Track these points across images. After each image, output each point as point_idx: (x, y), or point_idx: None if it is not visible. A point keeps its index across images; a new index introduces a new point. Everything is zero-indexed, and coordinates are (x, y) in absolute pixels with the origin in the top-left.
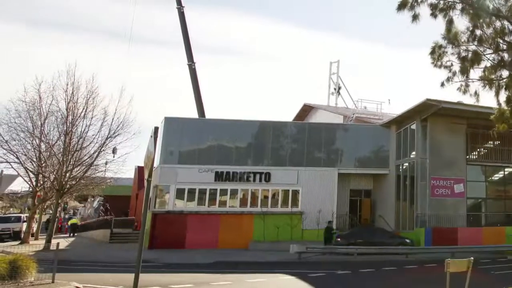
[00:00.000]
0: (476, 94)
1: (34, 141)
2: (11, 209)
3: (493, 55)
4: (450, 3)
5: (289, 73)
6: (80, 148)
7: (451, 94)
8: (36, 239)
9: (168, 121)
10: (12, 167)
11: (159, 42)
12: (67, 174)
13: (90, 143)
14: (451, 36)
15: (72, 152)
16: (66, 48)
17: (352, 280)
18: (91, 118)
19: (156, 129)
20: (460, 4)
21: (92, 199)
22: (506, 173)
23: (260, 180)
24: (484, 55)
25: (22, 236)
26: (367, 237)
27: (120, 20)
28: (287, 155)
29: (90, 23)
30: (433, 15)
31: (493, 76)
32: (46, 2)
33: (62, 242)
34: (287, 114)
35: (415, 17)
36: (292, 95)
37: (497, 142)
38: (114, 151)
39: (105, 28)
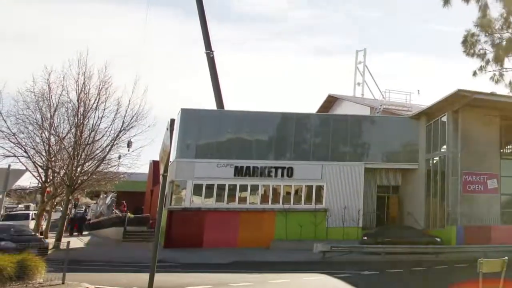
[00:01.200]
0: (510, 84)
1: (43, 134)
2: (19, 206)
3: None
4: None
5: (313, 63)
6: (92, 141)
7: (483, 86)
8: (46, 237)
9: (185, 112)
10: (20, 161)
11: (175, 31)
12: (78, 169)
13: (103, 136)
14: (484, 23)
15: (84, 146)
16: (75, 38)
17: (379, 281)
18: (104, 109)
19: (172, 121)
20: None
21: (105, 195)
22: None
23: (282, 175)
24: None
25: None
26: (395, 235)
27: (133, 10)
28: (311, 148)
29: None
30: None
31: None
32: None
33: (74, 241)
34: (310, 105)
35: (446, 1)
36: (316, 86)
37: None
38: (129, 144)
39: (117, 17)
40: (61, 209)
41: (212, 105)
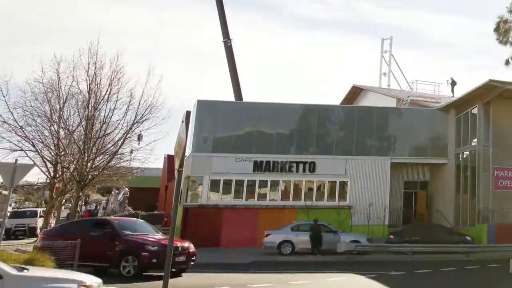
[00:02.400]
0: None
1: (52, 127)
2: (27, 203)
3: None
4: None
5: (337, 51)
6: (103, 134)
7: None
8: None
9: (201, 104)
10: (27, 156)
11: (194, 13)
12: (89, 164)
13: (115, 129)
14: None
15: (95, 139)
16: (89, 22)
17: (407, 282)
18: (116, 101)
19: (188, 113)
20: None
21: (117, 191)
22: None
23: (304, 171)
24: None
25: (38, 233)
26: (423, 234)
27: None
28: (334, 142)
29: None
30: None
31: None
32: None
33: None
34: (334, 97)
35: None
36: (340, 76)
37: None
38: (139, 138)
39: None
40: (70, 206)
41: (230, 96)
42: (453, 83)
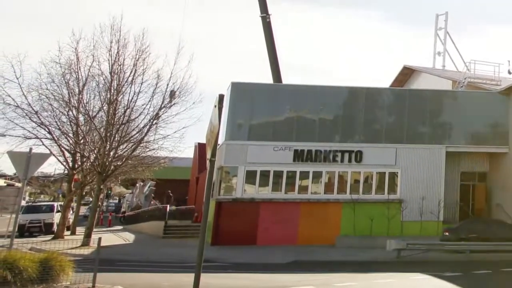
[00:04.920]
0: None
1: (71, 112)
2: (42, 196)
3: None
4: None
5: (387, 29)
6: (127, 120)
7: None
8: (73, 233)
9: (236, 87)
10: (43, 144)
11: None
12: (111, 153)
13: (140, 114)
14: None
15: (117, 126)
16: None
17: (464, 284)
18: (141, 83)
19: (222, 97)
20: None
21: (142, 183)
22: None
23: (350, 160)
24: None
25: (55, 230)
26: (482, 231)
27: None
28: (383, 129)
29: None
30: None
31: None
32: None
33: (106, 237)
34: (383, 79)
35: None
36: (389, 56)
37: None
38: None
39: None
40: (90, 200)
41: (268, 79)
42: None
